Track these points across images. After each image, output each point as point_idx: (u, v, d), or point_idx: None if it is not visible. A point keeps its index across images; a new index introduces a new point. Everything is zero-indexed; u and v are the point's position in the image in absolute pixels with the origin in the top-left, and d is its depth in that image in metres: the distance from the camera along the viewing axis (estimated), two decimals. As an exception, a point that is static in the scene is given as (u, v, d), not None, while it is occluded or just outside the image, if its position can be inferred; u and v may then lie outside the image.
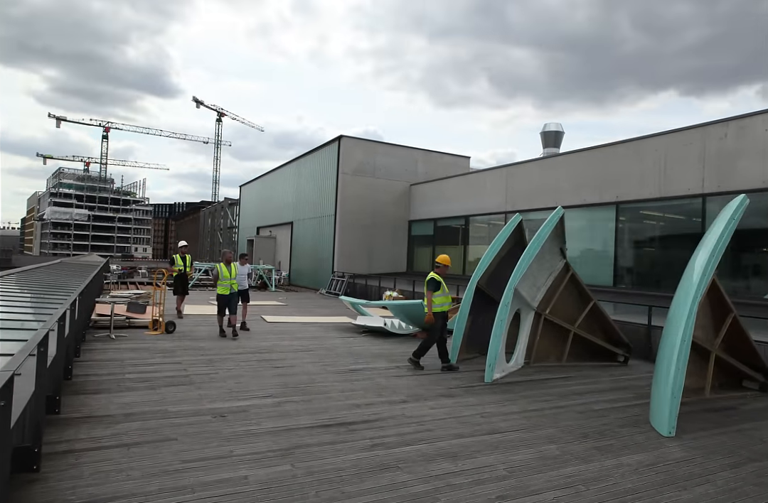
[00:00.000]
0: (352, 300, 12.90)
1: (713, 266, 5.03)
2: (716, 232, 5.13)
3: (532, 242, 6.87)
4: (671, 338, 4.98)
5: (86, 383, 5.69)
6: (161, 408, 4.94)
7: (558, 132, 57.68)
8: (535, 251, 6.77)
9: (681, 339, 4.82)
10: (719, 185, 10.77)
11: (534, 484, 3.58)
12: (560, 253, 7.98)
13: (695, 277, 4.98)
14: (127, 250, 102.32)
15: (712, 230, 5.36)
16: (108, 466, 3.56)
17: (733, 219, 5.13)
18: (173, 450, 3.90)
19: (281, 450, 4.01)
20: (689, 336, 4.82)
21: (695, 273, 5.05)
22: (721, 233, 5.04)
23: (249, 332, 9.91)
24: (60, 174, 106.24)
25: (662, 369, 5.05)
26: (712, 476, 3.87)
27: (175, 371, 6.49)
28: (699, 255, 5.28)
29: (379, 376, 6.70)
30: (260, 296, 18.72)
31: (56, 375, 4.56)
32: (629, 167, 12.86)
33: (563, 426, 4.90)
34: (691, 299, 4.87)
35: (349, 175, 21.80)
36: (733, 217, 5.14)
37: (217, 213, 53.80)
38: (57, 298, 6.32)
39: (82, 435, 4.13)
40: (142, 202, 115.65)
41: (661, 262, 12.64)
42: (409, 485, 3.49)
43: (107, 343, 8.17)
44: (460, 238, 19.50)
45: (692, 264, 5.33)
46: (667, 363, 4.92)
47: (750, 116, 10.40)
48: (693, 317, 4.81)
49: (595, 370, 7.68)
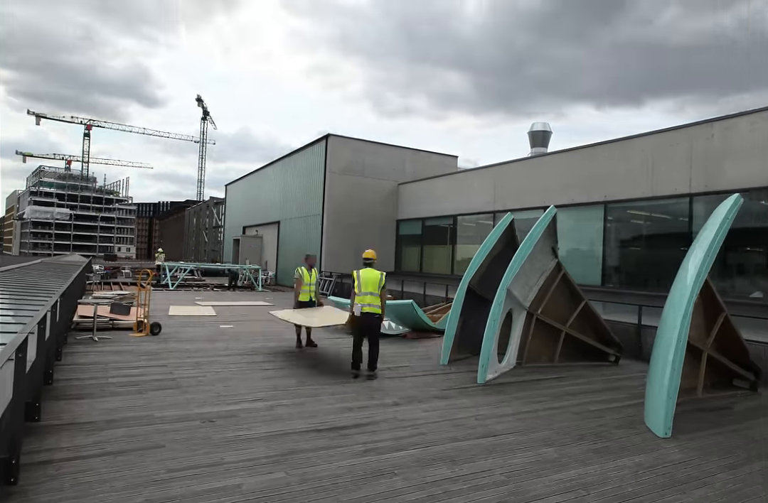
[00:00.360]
0: (341, 300, 12.76)
1: (708, 266, 5.01)
2: (710, 232, 5.11)
3: (525, 241, 6.81)
4: (666, 338, 4.94)
5: (68, 388, 5.50)
6: (147, 413, 4.78)
7: (545, 131, 57.89)
8: (528, 251, 6.71)
9: (676, 340, 4.79)
10: (706, 185, 10.84)
11: (534, 489, 3.51)
12: (552, 253, 7.95)
13: (690, 278, 4.95)
14: (110, 249, 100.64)
15: (706, 230, 5.34)
16: (90, 477, 3.40)
17: (727, 218, 5.11)
18: (160, 458, 3.75)
19: (274, 456, 3.88)
20: (685, 337, 4.79)
21: (690, 274, 5.02)
22: (716, 233, 5.02)
23: (237, 334, 9.72)
24: (41, 172, 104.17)
25: (657, 370, 5.02)
26: (711, 478, 3.83)
27: (161, 374, 6.31)
28: (693, 255, 5.25)
29: (371, 378, 6.59)
30: (246, 296, 18.48)
31: (36, 380, 4.37)
32: (617, 167, 12.90)
33: (559, 428, 4.84)
34: (686, 300, 4.83)
35: (336, 174, 21.63)
36: (728, 217, 5.13)
37: (202, 212, 53.20)
38: (37, 300, 6.10)
39: (63, 443, 3.95)
40: (126, 201, 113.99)
41: (649, 261, 12.71)
42: (405, 492, 3.39)
43: (90, 346, 7.94)
44: (448, 238, 19.45)
45: (686, 264, 5.31)
46: (662, 364, 4.89)
47: (736, 117, 10.48)
48: (689, 318, 4.78)
49: (587, 370, 7.66)
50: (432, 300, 14.22)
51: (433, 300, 14.10)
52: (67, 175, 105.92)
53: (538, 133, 57.97)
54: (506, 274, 6.62)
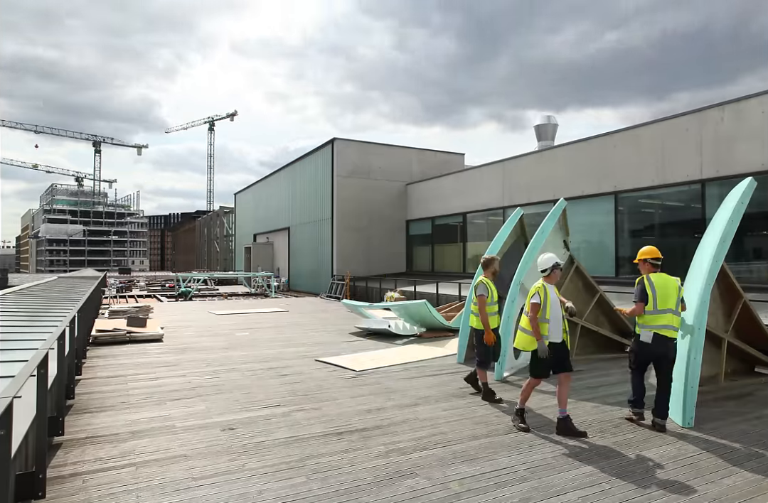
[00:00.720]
0: (354, 303, 12.79)
1: (723, 252, 4.94)
2: (724, 217, 5.03)
3: (537, 235, 6.77)
4: (684, 327, 4.88)
5: (90, 401, 5.57)
6: (168, 423, 4.82)
7: (553, 124, 57.29)
8: (540, 244, 6.67)
9: (695, 328, 4.73)
10: (718, 170, 10.70)
11: (557, 484, 3.48)
12: (564, 246, 7.89)
13: (706, 264, 4.88)
14: (123, 263, 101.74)
15: (720, 215, 5.26)
16: (117, 488, 3.44)
17: (741, 202, 5.03)
18: (184, 467, 3.78)
19: (294, 461, 3.90)
20: (703, 325, 4.73)
21: (705, 260, 4.95)
22: (730, 217, 4.94)
23: (254, 340, 9.78)
24: (53, 190, 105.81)
25: (677, 359, 4.95)
26: (738, 466, 3.77)
27: (180, 384, 6.37)
28: (707, 240, 5.18)
29: (388, 379, 6.59)
30: (261, 303, 18.59)
31: (58, 395, 4.43)
32: (626, 156, 12.79)
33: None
34: (702, 286, 4.77)
35: (344, 177, 21.69)
36: (742, 201, 5.05)
37: (212, 222, 53.63)
38: (55, 316, 6.19)
39: (88, 456, 4.01)
40: (137, 214, 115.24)
41: (663, 250, 12.54)
42: (430, 492, 3.38)
43: (109, 359, 8.04)
44: (458, 236, 19.40)
45: (701, 250, 5.24)
46: (682, 353, 4.82)
47: (746, 99, 10.33)
48: (706, 305, 4.71)
49: (605, 363, 7.58)
50: (445, 299, 14.19)
51: (446, 299, 14.06)
52: (78, 192, 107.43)
53: (544, 126, 57.39)
54: (519, 269, 6.59)
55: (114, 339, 9.46)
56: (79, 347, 6.79)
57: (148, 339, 9.73)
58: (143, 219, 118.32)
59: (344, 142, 22.19)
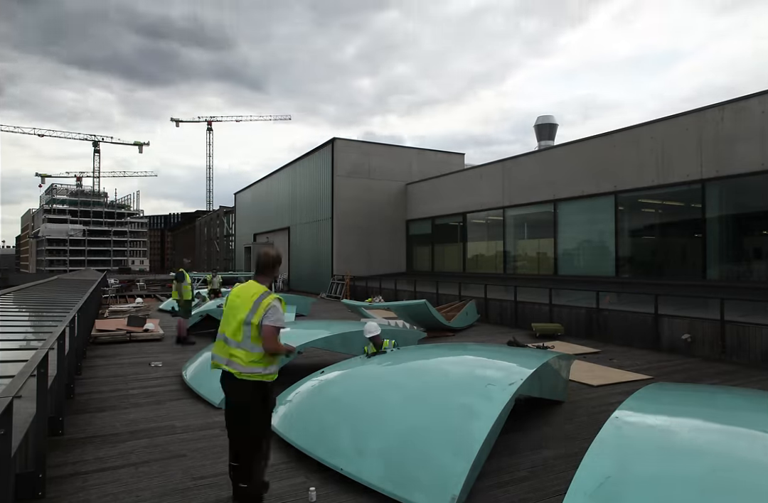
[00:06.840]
0: (354, 303, 12.79)
1: None
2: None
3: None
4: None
5: (89, 401, 5.57)
6: (168, 423, 4.82)
7: (552, 124, 57.30)
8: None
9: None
10: (718, 170, 10.68)
11: (555, 485, 3.47)
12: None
13: None
14: (123, 263, 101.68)
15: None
16: (117, 488, 3.44)
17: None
18: (183, 467, 3.78)
19: (293, 460, 3.90)
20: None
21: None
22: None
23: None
24: (53, 190, 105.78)
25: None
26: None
27: (180, 384, 6.37)
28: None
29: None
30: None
31: (58, 394, 4.43)
32: (626, 156, 12.78)
33: (578, 422, 4.81)
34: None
35: (344, 177, 21.70)
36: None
37: (212, 222, 53.63)
38: (55, 316, 6.20)
39: (87, 456, 4.01)
40: (137, 214, 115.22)
41: (663, 250, 12.56)
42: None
43: (109, 359, 8.04)
44: (458, 236, 19.40)
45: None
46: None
47: (746, 99, 10.32)
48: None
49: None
50: (445, 298, 14.19)
51: (446, 299, 14.07)
52: (78, 192, 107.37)
53: (544, 125, 57.34)
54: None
55: (114, 339, 9.47)
56: (79, 347, 6.79)
57: (148, 339, 9.73)
58: (143, 219, 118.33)
59: (344, 142, 22.19)
